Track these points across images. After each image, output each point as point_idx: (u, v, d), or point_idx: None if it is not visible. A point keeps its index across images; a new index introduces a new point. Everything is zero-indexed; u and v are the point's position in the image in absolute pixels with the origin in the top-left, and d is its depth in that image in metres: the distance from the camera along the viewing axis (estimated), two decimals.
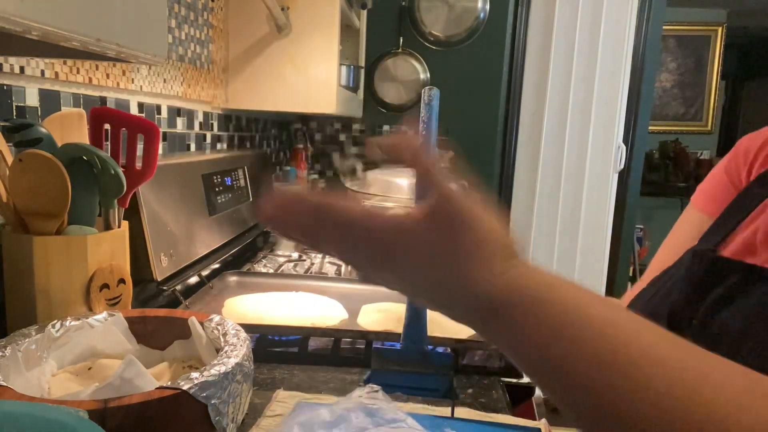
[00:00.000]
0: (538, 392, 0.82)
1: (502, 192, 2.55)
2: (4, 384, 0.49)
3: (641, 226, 3.79)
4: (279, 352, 0.86)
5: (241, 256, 1.37)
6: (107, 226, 0.72)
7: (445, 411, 0.64)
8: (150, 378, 0.54)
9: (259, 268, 1.28)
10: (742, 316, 0.39)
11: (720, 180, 0.61)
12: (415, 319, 0.59)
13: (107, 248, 0.70)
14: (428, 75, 2.42)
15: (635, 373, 0.30)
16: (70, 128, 0.74)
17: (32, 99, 0.78)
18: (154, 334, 0.68)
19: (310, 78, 1.49)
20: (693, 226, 0.59)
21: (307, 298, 1.01)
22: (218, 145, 1.52)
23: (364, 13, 2.13)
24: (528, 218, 2.55)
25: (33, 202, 0.64)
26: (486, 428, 0.58)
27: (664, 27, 2.59)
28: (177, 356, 0.67)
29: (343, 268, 1.34)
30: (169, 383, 0.50)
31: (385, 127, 2.49)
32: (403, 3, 2.37)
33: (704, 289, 0.43)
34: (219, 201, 1.23)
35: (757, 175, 0.54)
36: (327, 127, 2.51)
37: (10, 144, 0.69)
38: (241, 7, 1.47)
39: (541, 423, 0.65)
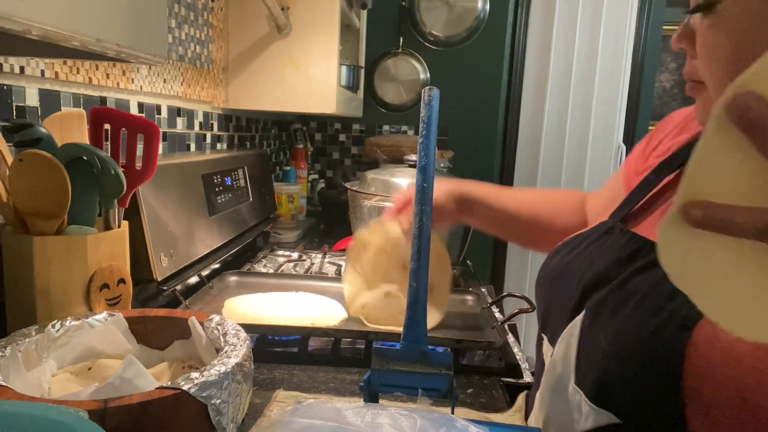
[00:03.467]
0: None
1: None
2: (4, 384, 0.49)
3: None
4: (279, 352, 0.86)
5: (241, 256, 1.37)
6: (107, 226, 0.72)
7: (445, 411, 0.63)
8: (150, 378, 0.54)
9: (259, 268, 1.28)
10: (647, 284, 0.50)
11: (633, 156, 0.73)
12: (415, 319, 0.59)
13: (107, 248, 0.70)
14: (428, 75, 2.42)
15: None
16: (70, 128, 0.74)
17: (32, 99, 0.78)
18: (154, 334, 0.68)
19: (310, 78, 1.49)
20: (609, 191, 0.77)
21: (307, 298, 1.01)
22: (218, 145, 1.52)
23: (364, 13, 2.13)
24: None
25: (33, 202, 0.64)
26: (489, 428, 0.58)
27: (664, 27, 2.59)
28: (177, 356, 0.67)
29: (342, 268, 1.34)
30: (169, 383, 0.50)
31: (385, 127, 2.49)
32: (403, 3, 2.37)
33: (626, 260, 0.54)
34: (219, 201, 1.23)
35: (659, 163, 0.64)
36: (327, 127, 2.51)
37: (10, 144, 0.69)
38: (241, 7, 1.48)
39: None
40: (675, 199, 0.30)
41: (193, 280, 1.06)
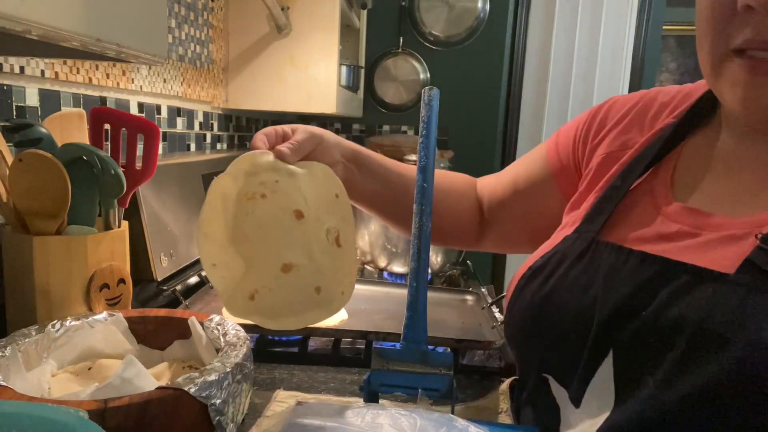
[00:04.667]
0: None
1: None
2: (4, 384, 0.49)
3: None
4: (279, 352, 0.86)
5: None
6: (107, 226, 0.72)
7: (445, 411, 0.63)
8: (150, 378, 0.54)
9: None
10: (694, 313, 0.43)
11: (570, 135, 0.69)
12: (415, 319, 0.59)
13: (107, 248, 0.70)
14: (428, 75, 2.42)
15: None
16: (70, 128, 0.74)
17: (32, 99, 0.78)
18: (154, 334, 0.68)
19: (310, 78, 1.49)
20: (536, 169, 0.74)
21: None
22: (218, 145, 1.52)
23: (364, 13, 2.13)
24: None
25: (33, 202, 0.64)
26: (488, 428, 0.58)
27: (664, 27, 2.59)
28: (177, 356, 0.67)
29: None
30: (169, 383, 0.50)
31: (385, 127, 2.49)
32: (403, 3, 2.37)
33: (649, 285, 0.47)
34: None
35: (620, 170, 0.59)
36: (327, 127, 2.51)
37: (10, 144, 0.69)
38: (241, 7, 1.47)
39: None
40: None
41: (193, 280, 1.06)
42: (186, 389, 0.49)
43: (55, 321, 0.62)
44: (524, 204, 0.74)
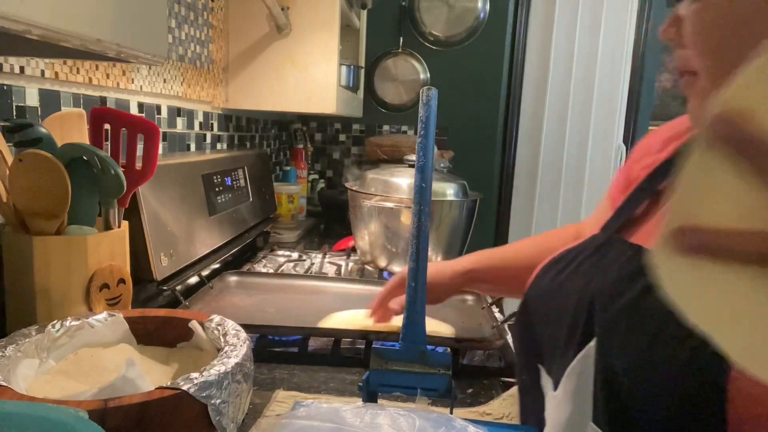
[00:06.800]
0: None
1: (502, 192, 2.55)
2: (4, 384, 0.49)
3: None
4: (279, 352, 0.86)
5: (241, 256, 1.38)
6: (107, 226, 0.72)
7: (445, 411, 0.63)
8: (150, 378, 0.54)
9: (259, 268, 1.28)
10: (665, 305, 0.43)
11: (620, 180, 0.69)
12: (413, 319, 0.59)
13: (107, 248, 0.70)
14: (428, 75, 2.42)
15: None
16: (70, 128, 0.74)
17: (32, 99, 0.78)
18: (154, 334, 0.68)
19: (309, 78, 1.49)
20: (600, 213, 0.71)
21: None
22: (218, 145, 1.52)
23: (364, 13, 2.13)
24: (528, 218, 2.54)
25: (33, 202, 0.65)
26: (487, 428, 0.58)
27: None
28: (177, 356, 0.67)
29: (342, 268, 1.34)
30: (169, 383, 0.50)
31: (385, 127, 2.49)
32: (403, 3, 2.37)
33: (633, 275, 0.49)
34: (219, 201, 1.23)
35: (650, 172, 0.60)
36: (327, 127, 2.51)
37: (10, 144, 0.69)
38: (241, 7, 1.48)
39: None
40: (664, 224, 0.27)
41: (193, 280, 1.06)
42: (186, 389, 0.49)
43: (55, 321, 0.62)
44: None
